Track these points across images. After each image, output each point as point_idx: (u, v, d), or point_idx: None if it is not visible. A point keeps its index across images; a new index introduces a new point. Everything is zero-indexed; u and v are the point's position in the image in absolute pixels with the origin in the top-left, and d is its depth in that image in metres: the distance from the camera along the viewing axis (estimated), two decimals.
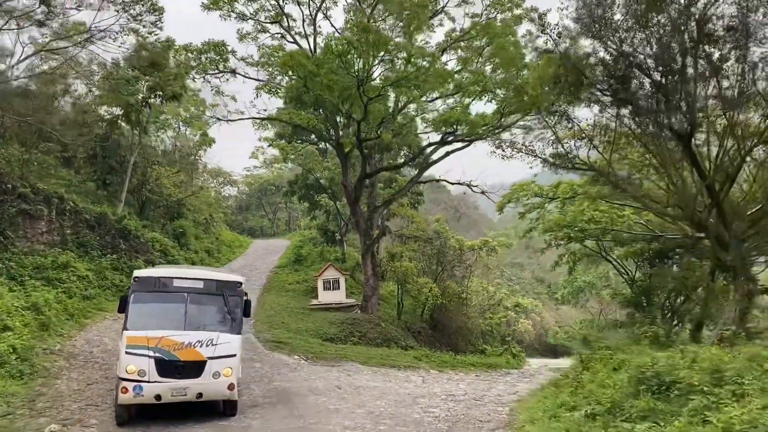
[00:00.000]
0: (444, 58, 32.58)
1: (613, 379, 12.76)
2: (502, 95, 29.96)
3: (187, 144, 60.78)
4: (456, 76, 30.04)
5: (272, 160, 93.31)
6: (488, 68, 31.11)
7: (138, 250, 37.65)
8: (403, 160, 34.37)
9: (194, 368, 13.73)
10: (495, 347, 43.20)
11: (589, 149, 20.87)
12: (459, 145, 32.90)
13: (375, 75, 28.58)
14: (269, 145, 40.56)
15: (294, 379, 19.73)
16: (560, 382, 17.53)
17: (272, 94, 34.16)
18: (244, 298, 15.75)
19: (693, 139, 16.84)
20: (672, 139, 17.20)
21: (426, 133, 34.58)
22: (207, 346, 13.95)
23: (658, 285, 29.85)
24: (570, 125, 20.56)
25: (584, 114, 47.24)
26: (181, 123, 62.42)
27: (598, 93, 18.23)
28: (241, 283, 16.10)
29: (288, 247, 51.97)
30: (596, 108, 18.96)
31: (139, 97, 36.40)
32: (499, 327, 50.32)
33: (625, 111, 18.29)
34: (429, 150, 34.47)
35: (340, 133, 32.55)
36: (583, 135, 20.29)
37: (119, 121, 40.39)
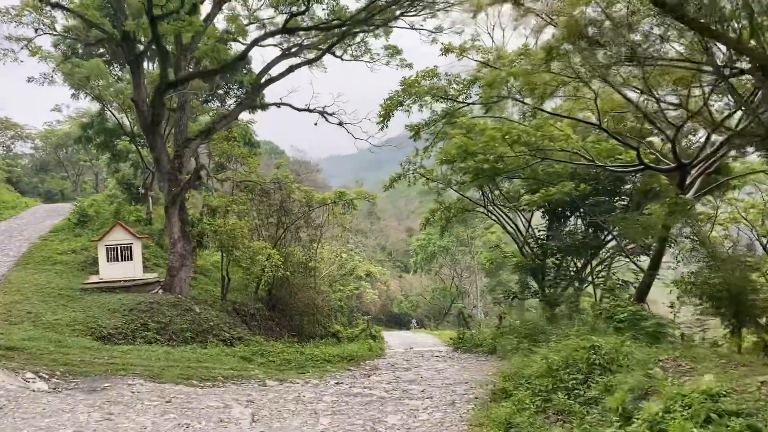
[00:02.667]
0: None
1: None
2: None
3: None
4: None
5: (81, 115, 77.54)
6: None
7: None
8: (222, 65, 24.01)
9: None
10: (348, 328, 35.01)
11: None
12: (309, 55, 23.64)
13: None
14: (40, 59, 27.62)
15: None
16: None
17: None
18: None
19: None
20: None
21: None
22: None
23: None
24: None
25: None
26: None
27: None
28: None
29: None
30: None
31: None
32: (349, 301, 42.27)
33: None
34: (264, 63, 24.54)
35: (126, 15, 21.42)
36: None
37: None
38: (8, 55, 24.37)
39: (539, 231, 25.75)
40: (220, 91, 43.73)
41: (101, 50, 34.08)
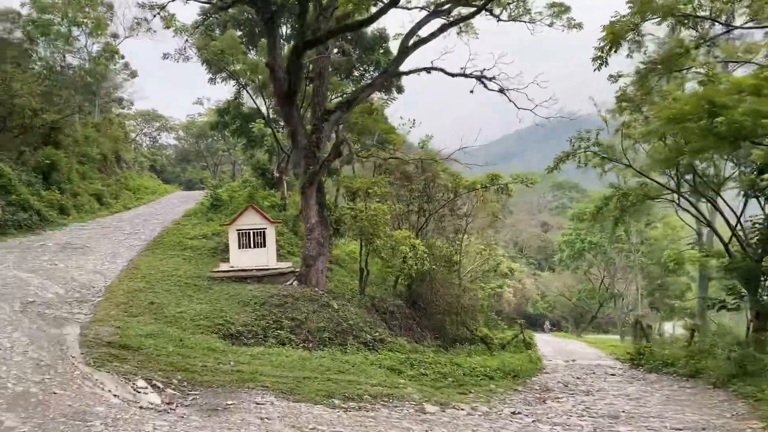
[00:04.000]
0: None
1: None
2: None
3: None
4: None
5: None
6: None
7: None
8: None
9: None
10: (493, 331, 30.95)
11: None
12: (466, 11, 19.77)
13: None
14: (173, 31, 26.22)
15: None
16: None
17: None
18: None
19: None
20: None
21: None
22: None
23: None
24: None
25: None
26: (80, 32, 46.80)
27: None
28: None
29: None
30: None
31: None
32: (489, 300, 38.07)
33: None
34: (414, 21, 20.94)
35: None
36: None
37: None
38: (141, 24, 22.94)
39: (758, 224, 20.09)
40: (356, 73, 41.29)
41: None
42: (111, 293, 17.20)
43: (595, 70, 16.70)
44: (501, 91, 20.59)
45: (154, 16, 21.78)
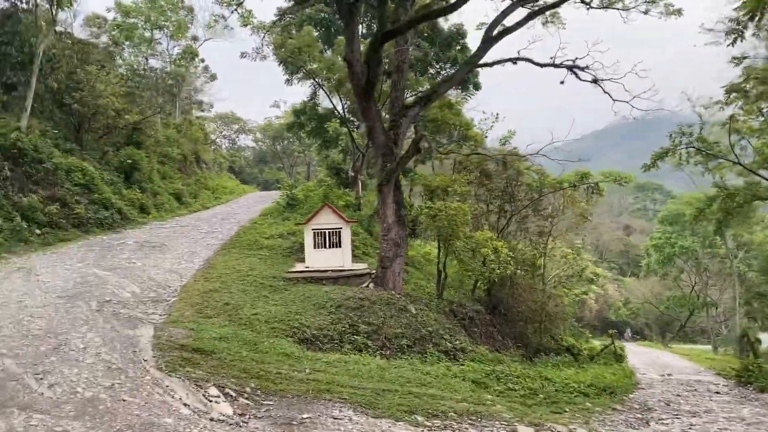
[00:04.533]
0: None
1: None
2: None
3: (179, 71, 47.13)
4: None
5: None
6: None
7: (37, 181, 24.19)
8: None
9: None
10: (581, 341, 29.11)
11: None
12: None
13: None
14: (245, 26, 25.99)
15: None
16: None
17: None
18: None
19: None
20: None
21: None
22: None
23: None
24: None
25: None
26: (162, 34, 48.02)
27: None
28: None
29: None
30: None
31: None
32: (573, 307, 36.02)
33: None
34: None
35: None
36: None
37: None
38: (219, 21, 22.73)
39: None
40: (431, 71, 40.20)
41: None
42: (186, 293, 16.87)
43: (728, 45, 14.91)
44: (595, 81, 18.97)
45: (232, 12, 21.51)
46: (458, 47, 40.21)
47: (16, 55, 26.31)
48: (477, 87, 39.34)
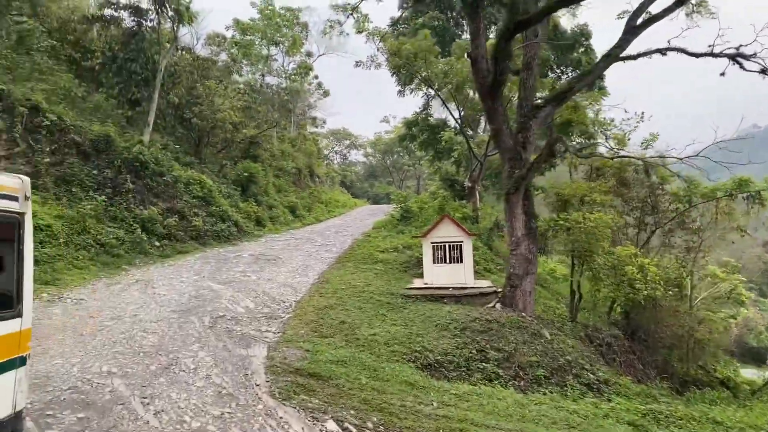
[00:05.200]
0: None
1: None
2: None
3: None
4: None
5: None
6: None
7: (157, 194, 24.49)
8: None
9: None
10: (730, 370, 25.45)
11: None
12: None
13: None
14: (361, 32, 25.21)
15: None
16: None
17: None
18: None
19: None
20: None
21: None
22: None
23: None
24: None
25: None
26: (277, 51, 48.86)
27: None
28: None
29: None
30: None
31: None
32: (725, 333, 31.89)
33: None
34: None
35: None
36: None
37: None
38: (334, 27, 22.00)
39: None
40: (551, 75, 37.76)
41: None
42: (301, 309, 15.83)
43: None
44: (764, 72, 16.08)
45: (348, 16, 20.61)
46: (582, 49, 37.60)
47: (141, 72, 27.04)
48: (603, 92, 36.33)
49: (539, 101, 17.88)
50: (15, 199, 6.43)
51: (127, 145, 24.32)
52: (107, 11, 28.48)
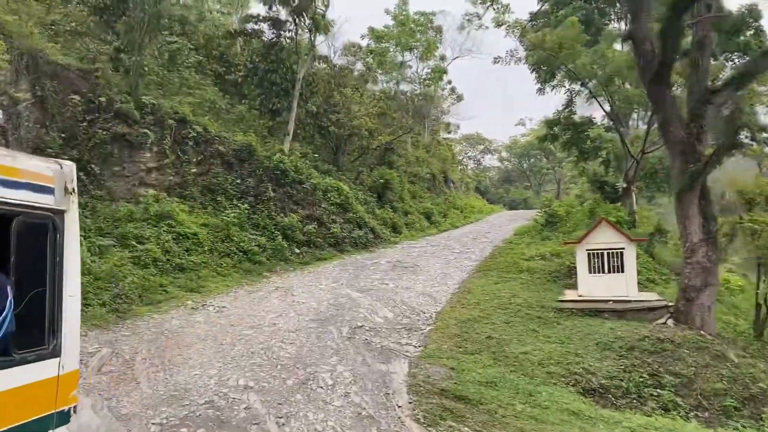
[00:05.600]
0: None
1: None
2: None
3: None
4: None
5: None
6: None
7: (297, 201, 24.62)
8: None
9: None
10: None
11: None
12: None
13: None
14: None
15: None
16: None
17: None
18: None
19: None
20: None
21: None
22: None
23: None
24: None
25: None
26: (411, 56, 48.46)
27: None
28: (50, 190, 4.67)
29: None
30: None
31: None
32: None
33: None
34: None
35: None
36: None
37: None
38: (472, 21, 20.74)
39: None
40: (714, 62, 33.79)
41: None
42: (442, 321, 14.67)
43: None
44: None
45: (487, 8, 19.27)
46: (751, 31, 33.37)
47: (280, 82, 27.49)
48: None
49: (716, 85, 15.37)
50: (49, 191, 4.77)
51: (268, 154, 24.66)
52: (249, 25, 29.35)
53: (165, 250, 17.20)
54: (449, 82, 54.23)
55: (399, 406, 9.23)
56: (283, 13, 27.71)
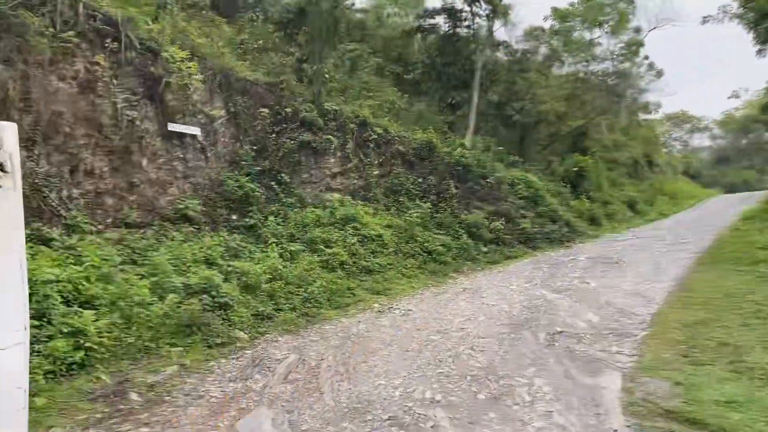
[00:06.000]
0: None
1: None
2: None
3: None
4: None
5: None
6: None
7: (481, 197, 23.58)
8: None
9: None
10: None
11: None
12: None
13: None
14: None
15: None
16: None
17: None
18: None
19: None
20: None
21: None
22: None
23: None
24: None
25: None
26: (601, 32, 44.60)
27: None
28: None
29: None
30: None
31: None
32: None
33: None
34: None
35: None
36: None
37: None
38: None
39: None
40: None
41: None
42: (659, 325, 12.45)
43: None
44: None
45: None
46: None
47: (458, 75, 26.53)
48: None
49: None
50: None
51: (449, 150, 23.83)
52: (424, 21, 28.90)
53: (351, 253, 17.14)
54: (646, 57, 49.13)
55: (615, 431, 7.59)
56: (458, 2, 26.80)
